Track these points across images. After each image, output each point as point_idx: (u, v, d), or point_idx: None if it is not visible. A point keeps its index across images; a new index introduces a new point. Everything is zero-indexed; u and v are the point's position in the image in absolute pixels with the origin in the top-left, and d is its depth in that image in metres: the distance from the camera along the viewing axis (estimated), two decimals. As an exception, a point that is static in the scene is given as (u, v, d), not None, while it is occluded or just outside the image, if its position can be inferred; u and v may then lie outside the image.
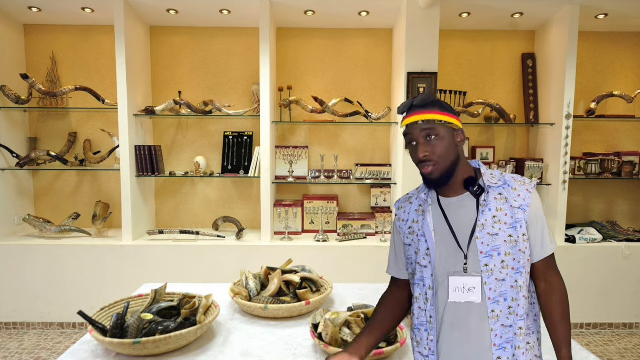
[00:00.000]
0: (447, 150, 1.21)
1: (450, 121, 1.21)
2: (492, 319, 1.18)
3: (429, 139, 1.21)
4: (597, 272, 3.42)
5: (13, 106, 3.45)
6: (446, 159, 1.21)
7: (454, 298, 1.20)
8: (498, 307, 1.18)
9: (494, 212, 1.20)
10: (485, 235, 1.19)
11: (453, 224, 1.23)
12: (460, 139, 1.24)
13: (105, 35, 3.67)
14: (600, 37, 3.76)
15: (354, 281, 3.14)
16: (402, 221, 1.35)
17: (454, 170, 1.23)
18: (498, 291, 1.18)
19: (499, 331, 1.18)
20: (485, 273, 1.19)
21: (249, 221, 3.79)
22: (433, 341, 1.24)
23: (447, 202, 1.26)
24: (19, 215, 3.58)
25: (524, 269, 1.19)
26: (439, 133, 1.20)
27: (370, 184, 3.69)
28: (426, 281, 1.25)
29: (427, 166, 1.22)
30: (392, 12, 3.37)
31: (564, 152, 3.35)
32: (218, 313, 1.74)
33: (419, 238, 1.28)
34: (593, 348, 3.19)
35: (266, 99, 3.28)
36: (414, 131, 1.22)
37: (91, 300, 3.27)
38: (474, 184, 1.23)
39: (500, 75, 3.82)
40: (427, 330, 1.26)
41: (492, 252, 1.18)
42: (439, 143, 1.20)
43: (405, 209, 1.36)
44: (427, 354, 1.26)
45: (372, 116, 3.48)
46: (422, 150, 1.21)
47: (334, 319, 1.61)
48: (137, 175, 3.40)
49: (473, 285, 1.19)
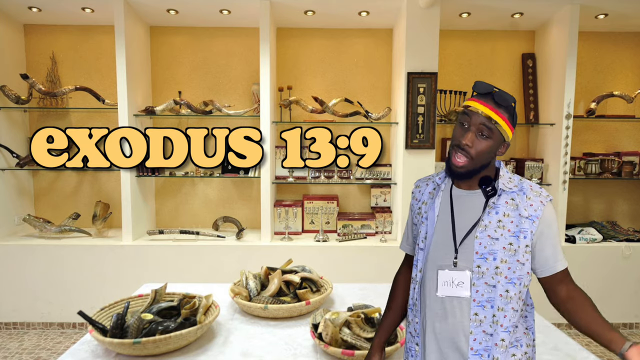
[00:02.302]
0: (487, 153, 1.19)
1: (507, 132, 1.19)
2: (474, 322, 1.16)
3: (481, 134, 1.17)
4: (597, 272, 3.42)
5: (13, 106, 3.45)
6: (481, 159, 1.19)
7: (442, 292, 1.20)
8: (483, 312, 1.16)
9: (500, 215, 1.18)
10: (485, 236, 1.17)
11: (456, 216, 1.23)
12: (502, 152, 1.23)
13: (105, 35, 3.67)
14: (600, 37, 3.76)
15: (354, 281, 3.14)
16: (416, 200, 1.35)
17: (480, 171, 1.21)
18: (486, 296, 1.16)
19: (479, 336, 1.16)
20: (476, 274, 1.17)
21: (249, 221, 3.79)
22: (418, 323, 1.27)
23: (459, 193, 1.26)
24: (19, 215, 3.58)
25: (518, 281, 1.16)
26: (492, 135, 1.17)
27: (370, 184, 3.70)
28: (419, 264, 1.27)
29: (462, 155, 1.19)
30: (392, 12, 3.37)
31: (564, 152, 3.35)
32: (218, 313, 1.74)
33: (423, 220, 1.29)
34: (593, 348, 3.19)
35: (266, 99, 3.28)
36: (473, 117, 1.18)
37: (91, 300, 3.27)
38: (488, 183, 1.22)
39: (500, 75, 3.82)
40: (414, 312, 1.29)
41: (488, 255, 1.16)
42: (486, 143, 1.17)
43: (422, 189, 1.35)
44: (414, 335, 1.30)
45: (372, 116, 3.48)
46: (469, 138, 1.17)
47: (334, 319, 1.61)
48: (137, 175, 3.40)
49: (462, 280, 1.18)
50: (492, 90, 1.18)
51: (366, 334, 1.61)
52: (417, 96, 3.26)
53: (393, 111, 3.61)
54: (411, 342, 1.31)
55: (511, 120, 1.19)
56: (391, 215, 3.60)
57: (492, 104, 1.17)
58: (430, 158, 3.30)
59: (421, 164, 3.29)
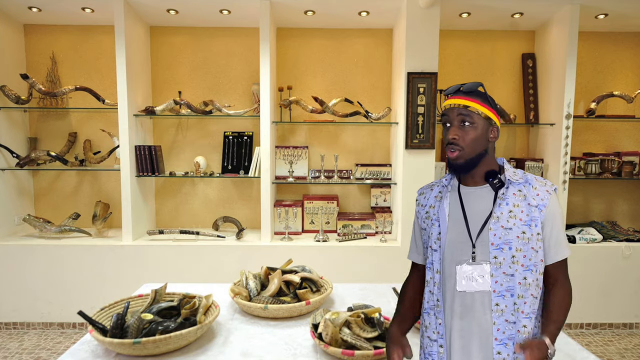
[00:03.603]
0: (477, 140, 1.23)
1: (488, 114, 1.23)
2: (496, 313, 1.19)
3: (463, 124, 1.23)
4: (597, 272, 3.42)
5: (13, 106, 3.45)
6: (473, 148, 1.23)
7: (462, 287, 1.22)
8: (503, 302, 1.19)
9: (510, 206, 1.21)
10: (498, 227, 1.20)
11: (468, 212, 1.25)
12: (494, 136, 1.25)
13: (105, 35, 3.67)
14: (600, 37, 3.76)
15: (354, 281, 3.14)
16: (421, 206, 1.38)
17: (478, 161, 1.25)
18: (505, 285, 1.19)
19: (502, 326, 1.19)
20: (494, 265, 1.20)
21: (249, 221, 3.79)
22: (441, 324, 1.27)
23: (467, 190, 1.28)
24: (19, 215, 3.58)
25: (534, 267, 1.20)
26: (474, 121, 1.22)
27: (370, 184, 3.69)
28: (435, 265, 1.28)
29: (453, 150, 1.24)
30: (392, 12, 3.37)
31: (564, 152, 3.35)
32: (218, 313, 1.74)
33: (433, 222, 1.30)
34: (593, 348, 3.19)
35: (266, 99, 3.28)
36: (451, 113, 1.25)
37: (91, 300, 3.28)
38: (495, 177, 1.25)
39: (500, 75, 3.82)
40: (435, 314, 1.28)
41: (503, 246, 1.19)
42: (471, 130, 1.22)
43: (426, 195, 1.38)
44: (435, 338, 1.28)
45: (372, 116, 3.48)
46: (453, 132, 1.23)
47: (334, 319, 1.61)
48: (137, 175, 3.40)
49: (481, 273, 1.21)
50: (459, 87, 1.27)
51: (366, 334, 1.61)
52: (417, 96, 3.27)
53: (393, 111, 3.61)
54: (432, 347, 1.29)
55: (487, 102, 1.24)
56: (391, 215, 3.60)
57: (462, 95, 1.25)
58: (430, 158, 3.30)
59: (421, 164, 3.29)
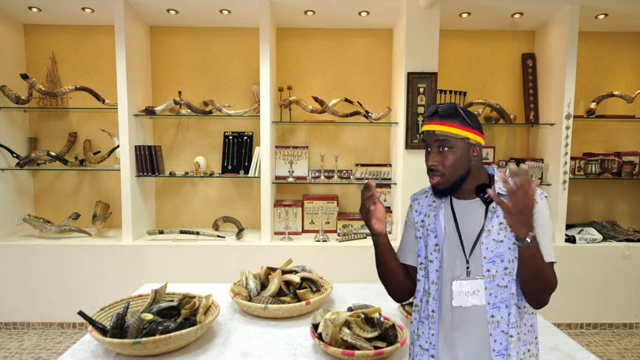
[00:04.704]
0: (457, 164, 1.22)
1: (466, 135, 1.21)
2: (492, 324, 1.20)
3: (442, 150, 1.22)
4: (597, 272, 3.42)
5: (13, 106, 3.45)
6: (454, 172, 1.22)
7: (458, 302, 1.22)
8: (499, 313, 1.19)
9: (501, 218, 1.21)
10: (490, 241, 1.20)
11: (461, 226, 1.25)
12: (477, 154, 1.24)
13: (105, 35, 3.67)
14: (600, 37, 3.76)
15: (354, 281, 3.14)
16: (415, 212, 1.37)
17: (461, 182, 1.24)
18: (499, 297, 1.19)
19: (499, 337, 1.19)
20: (487, 278, 1.20)
21: (249, 221, 3.79)
22: (434, 335, 1.26)
23: (459, 204, 1.28)
24: (19, 215, 3.58)
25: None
26: (452, 146, 1.21)
27: (370, 184, 3.69)
28: (431, 276, 1.28)
29: (434, 176, 1.24)
30: (392, 12, 3.37)
31: (564, 152, 3.35)
32: (218, 313, 1.74)
33: (429, 233, 1.30)
34: (593, 348, 3.19)
35: (266, 99, 3.28)
36: (429, 139, 1.25)
37: (91, 300, 3.27)
38: (485, 191, 1.24)
39: (500, 75, 3.82)
40: (429, 324, 1.28)
41: (496, 259, 1.20)
42: (451, 156, 1.21)
43: (420, 202, 1.37)
44: (427, 347, 1.28)
45: (372, 116, 3.48)
46: (432, 160, 1.24)
47: (334, 319, 1.61)
48: (137, 175, 3.40)
49: (477, 288, 1.21)
50: (436, 109, 1.25)
51: (366, 334, 1.60)
52: (417, 96, 3.27)
53: (393, 111, 3.61)
54: (422, 356, 1.29)
55: (464, 123, 1.22)
56: (391, 215, 3.60)
57: (439, 119, 1.23)
58: (430, 158, 3.30)
59: (421, 164, 3.29)
